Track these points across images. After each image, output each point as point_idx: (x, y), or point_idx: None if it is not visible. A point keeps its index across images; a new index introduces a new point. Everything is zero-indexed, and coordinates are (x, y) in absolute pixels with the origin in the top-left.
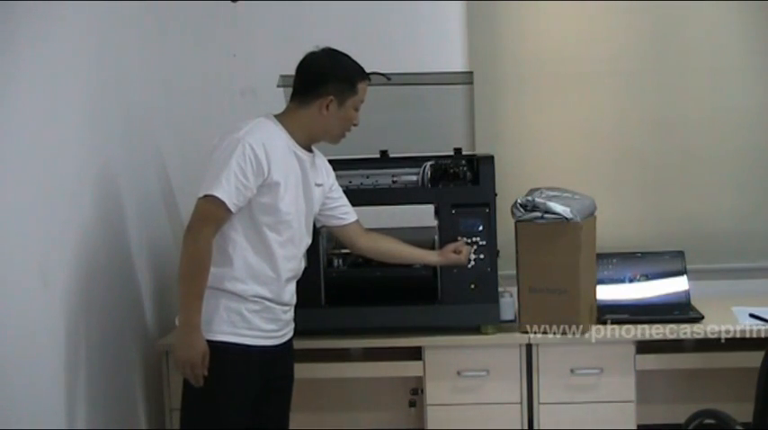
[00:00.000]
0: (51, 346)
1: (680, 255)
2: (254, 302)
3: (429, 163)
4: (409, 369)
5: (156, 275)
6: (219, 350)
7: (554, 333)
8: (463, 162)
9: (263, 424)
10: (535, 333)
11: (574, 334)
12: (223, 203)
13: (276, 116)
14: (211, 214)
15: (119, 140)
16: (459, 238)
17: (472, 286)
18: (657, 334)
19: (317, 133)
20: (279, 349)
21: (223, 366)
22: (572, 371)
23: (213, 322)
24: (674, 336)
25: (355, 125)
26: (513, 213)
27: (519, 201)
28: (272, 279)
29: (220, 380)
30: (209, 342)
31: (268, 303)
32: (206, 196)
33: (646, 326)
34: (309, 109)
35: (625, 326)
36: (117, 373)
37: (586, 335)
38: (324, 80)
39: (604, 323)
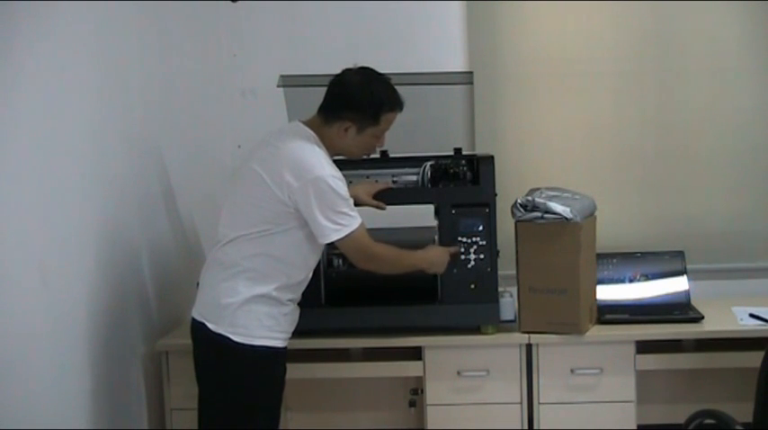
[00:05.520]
0: (51, 346)
1: (680, 255)
2: (286, 305)
3: (429, 163)
4: (409, 369)
5: (156, 275)
6: (257, 354)
7: (554, 333)
8: (463, 162)
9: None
10: (535, 333)
11: (574, 334)
12: (359, 226)
13: (308, 126)
14: (362, 239)
15: (119, 140)
16: (459, 239)
17: (472, 286)
18: (657, 334)
19: (336, 150)
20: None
21: (261, 369)
22: (572, 371)
23: (250, 327)
24: (673, 336)
25: (380, 147)
26: (513, 213)
27: (519, 201)
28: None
29: (260, 382)
30: (247, 346)
31: (295, 305)
32: (347, 236)
33: (646, 326)
34: (331, 128)
35: (625, 326)
36: (117, 373)
37: (586, 335)
38: (346, 106)
39: (604, 323)
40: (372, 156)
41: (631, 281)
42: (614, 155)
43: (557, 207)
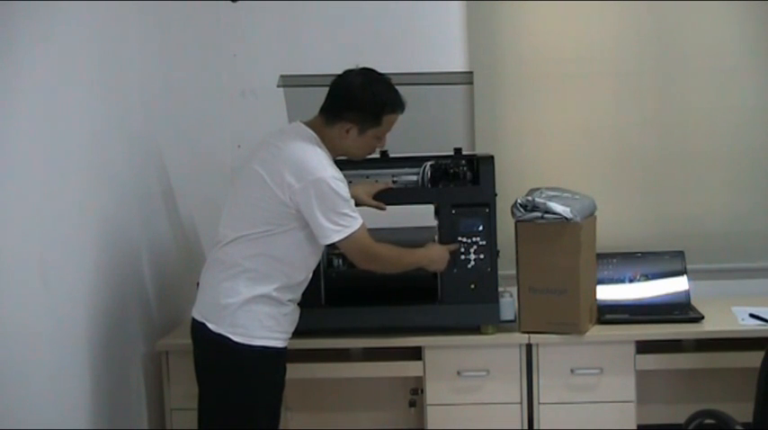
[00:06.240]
0: (51, 346)
1: (680, 255)
2: (286, 305)
3: (429, 163)
4: (409, 369)
5: (156, 275)
6: (257, 354)
7: (554, 333)
8: (463, 162)
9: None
10: (535, 333)
11: (574, 334)
12: (360, 227)
13: (309, 127)
14: (363, 239)
15: (119, 140)
16: (459, 239)
17: (472, 286)
18: (657, 334)
19: (338, 151)
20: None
21: (261, 369)
22: (572, 371)
23: (250, 328)
24: (674, 336)
25: (380, 148)
26: (513, 213)
27: (519, 201)
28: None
29: (260, 382)
30: (247, 346)
31: (295, 306)
32: (348, 236)
33: (646, 326)
34: (332, 129)
35: (625, 326)
36: (117, 373)
37: (586, 335)
38: (348, 107)
39: (604, 323)
40: (372, 156)
41: (631, 281)
42: (614, 155)
43: (557, 207)
